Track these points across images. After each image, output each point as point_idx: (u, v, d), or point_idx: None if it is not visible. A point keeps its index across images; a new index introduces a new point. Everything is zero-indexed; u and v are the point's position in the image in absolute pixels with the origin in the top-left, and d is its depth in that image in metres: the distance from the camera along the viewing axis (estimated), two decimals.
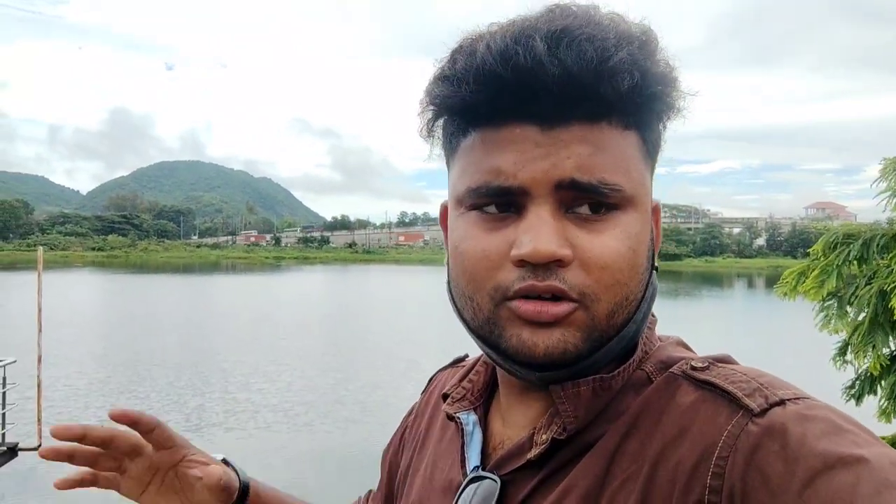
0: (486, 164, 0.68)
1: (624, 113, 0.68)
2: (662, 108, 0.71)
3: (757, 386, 0.65)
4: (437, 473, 0.85)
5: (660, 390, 0.70)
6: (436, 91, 0.70)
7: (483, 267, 0.69)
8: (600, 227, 0.67)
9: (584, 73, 0.64)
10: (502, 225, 0.68)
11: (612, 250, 0.67)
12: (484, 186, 0.68)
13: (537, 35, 0.64)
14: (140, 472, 0.90)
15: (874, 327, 5.60)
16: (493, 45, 0.65)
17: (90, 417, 14.75)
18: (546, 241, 0.65)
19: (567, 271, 0.66)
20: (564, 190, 0.66)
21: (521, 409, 0.78)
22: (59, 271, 74.84)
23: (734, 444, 0.61)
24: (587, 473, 0.68)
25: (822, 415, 0.61)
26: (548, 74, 0.64)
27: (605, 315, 0.68)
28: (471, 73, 0.66)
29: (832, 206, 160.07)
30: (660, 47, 0.69)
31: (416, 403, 1.03)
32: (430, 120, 0.74)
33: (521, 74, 0.64)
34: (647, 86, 0.67)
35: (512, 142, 0.67)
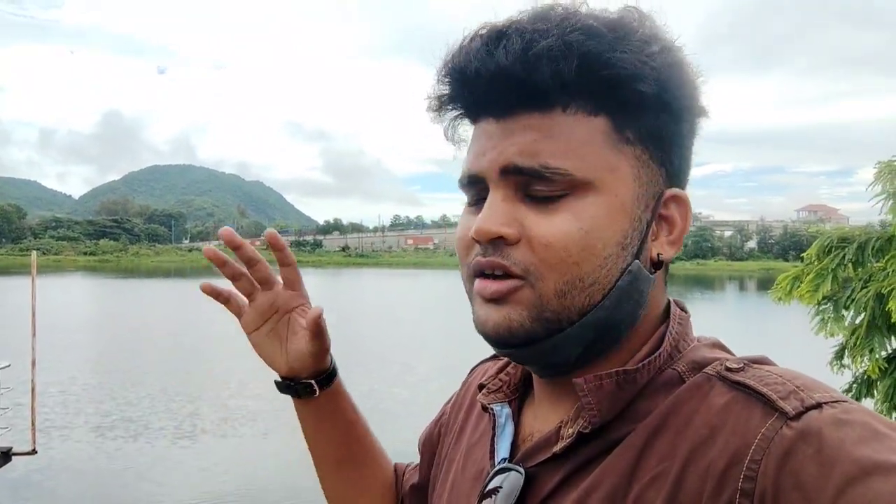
0: (467, 158, 0.76)
1: (587, 98, 0.70)
2: (638, 93, 0.70)
3: (793, 388, 0.64)
4: (470, 463, 0.88)
5: (692, 390, 0.70)
6: (435, 91, 0.78)
7: (461, 248, 0.77)
8: (551, 210, 0.70)
9: (512, 64, 0.68)
10: (476, 211, 0.74)
11: (557, 230, 0.69)
12: (463, 178, 0.76)
13: (483, 38, 0.71)
14: (263, 306, 0.98)
15: (872, 330, 5.61)
16: (463, 47, 0.73)
17: (84, 422, 14.69)
18: (489, 220, 0.70)
19: (513, 249, 0.70)
20: (510, 175, 0.71)
21: (551, 403, 0.79)
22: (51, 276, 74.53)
23: (767, 448, 0.60)
24: (614, 470, 0.69)
25: (859, 419, 0.59)
26: (485, 69, 0.69)
27: (552, 294, 0.70)
28: (446, 72, 0.74)
29: (824, 209, 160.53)
30: (635, 35, 0.70)
31: (455, 392, 1.06)
32: (441, 116, 0.80)
33: (465, 73, 0.71)
34: (596, 69, 0.68)
35: (478, 136, 0.75)
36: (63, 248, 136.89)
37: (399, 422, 14.52)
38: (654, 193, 0.74)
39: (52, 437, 13.48)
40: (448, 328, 5.36)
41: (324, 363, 1.00)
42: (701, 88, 0.75)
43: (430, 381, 17.83)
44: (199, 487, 11.36)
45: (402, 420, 14.53)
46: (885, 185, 5.72)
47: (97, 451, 13.12)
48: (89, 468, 12.39)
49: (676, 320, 0.77)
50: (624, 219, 0.72)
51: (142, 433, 14.13)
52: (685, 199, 0.77)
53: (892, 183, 5.65)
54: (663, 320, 0.78)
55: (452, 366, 13.18)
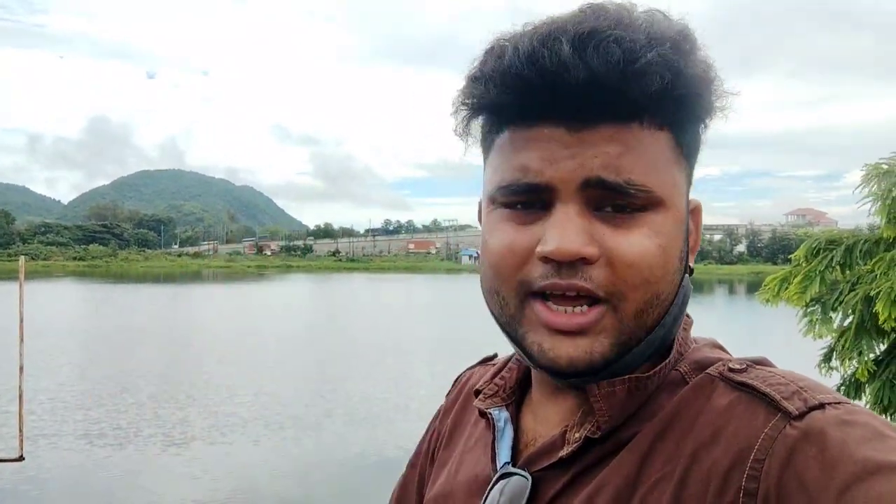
0: (516, 162, 0.69)
1: (656, 114, 0.68)
2: (698, 109, 0.71)
3: (796, 389, 0.64)
4: (464, 468, 0.85)
5: (696, 391, 0.69)
6: (467, 91, 0.71)
7: (508, 262, 0.70)
8: (628, 226, 0.67)
9: (610, 75, 0.64)
10: (530, 221, 0.69)
11: (640, 248, 0.67)
12: (514, 184, 0.69)
13: (564, 37, 0.64)
14: None
15: (860, 333, 5.63)
16: (521, 48, 0.66)
17: (71, 430, 14.58)
18: (571, 239, 0.65)
19: (593, 269, 0.67)
20: (591, 189, 0.67)
21: (554, 406, 0.78)
22: (39, 281, 74.07)
23: (771, 448, 0.60)
24: (619, 473, 0.68)
25: (862, 420, 0.59)
26: (573, 77, 0.64)
27: (633, 314, 0.68)
28: (498, 74, 0.67)
29: (812, 213, 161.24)
30: (697, 47, 0.69)
31: (441, 406, 1.03)
32: (465, 119, 0.75)
33: (546, 77, 0.65)
34: (679, 87, 0.66)
35: (540, 141, 0.68)
36: (52, 253, 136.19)
37: (393, 427, 14.50)
38: (691, 205, 0.76)
39: (39, 444, 13.36)
40: (441, 333, 5.32)
41: None
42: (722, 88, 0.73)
43: (423, 387, 17.76)
44: (190, 495, 11.27)
45: (397, 426, 14.51)
46: (873, 187, 5.75)
47: (86, 459, 13.02)
48: (77, 475, 12.29)
49: (681, 325, 0.77)
50: (682, 233, 0.72)
51: (131, 440, 14.02)
52: (700, 208, 0.78)
53: (879, 185, 5.68)
54: None
55: (445, 371, 13.12)
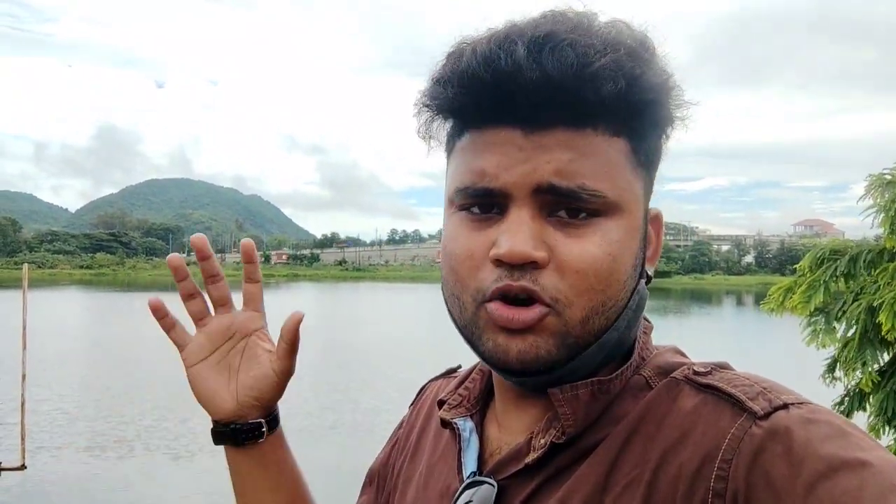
0: (473, 165, 0.70)
1: (611, 119, 0.68)
2: (656, 117, 0.71)
3: (760, 390, 0.65)
4: (433, 481, 0.84)
5: (661, 395, 0.70)
6: (428, 93, 0.72)
7: (467, 267, 0.71)
8: (580, 233, 0.68)
9: (564, 77, 0.64)
10: (486, 225, 0.70)
11: (589, 255, 0.67)
12: (470, 187, 0.70)
13: (520, 40, 0.65)
14: (217, 331, 0.90)
15: (864, 343, 5.60)
16: (478, 50, 0.67)
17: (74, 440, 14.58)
18: (521, 242, 0.66)
19: (541, 274, 0.67)
20: (543, 194, 0.67)
21: (518, 414, 0.78)
22: (46, 289, 74.34)
23: (738, 447, 0.61)
24: (587, 480, 0.68)
25: (825, 419, 0.61)
26: (527, 78, 0.64)
27: (578, 321, 0.68)
28: (456, 76, 0.68)
29: (820, 224, 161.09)
30: (657, 56, 0.70)
31: (405, 416, 1.02)
32: (426, 121, 0.75)
33: (501, 78, 0.66)
34: (634, 92, 0.67)
35: (496, 144, 0.68)
36: (58, 261, 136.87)
37: None
38: (646, 209, 0.75)
39: (42, 453, 13.37)
40: (448, 344, 5.35)
41: (276, 398, 0.91)
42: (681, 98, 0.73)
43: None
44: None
45: None
46: (876, 197, 5.73)
47: (88, 469, 13.01)
48: (80, 485, 12.28)
49: (642, 329, 0.78)
50: (636, 240, 0.72)
51: (135, 450, 14.02)
52: (661, 216, 0.79)
53: (882, 196, 5.65)
54: None
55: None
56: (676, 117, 0.73)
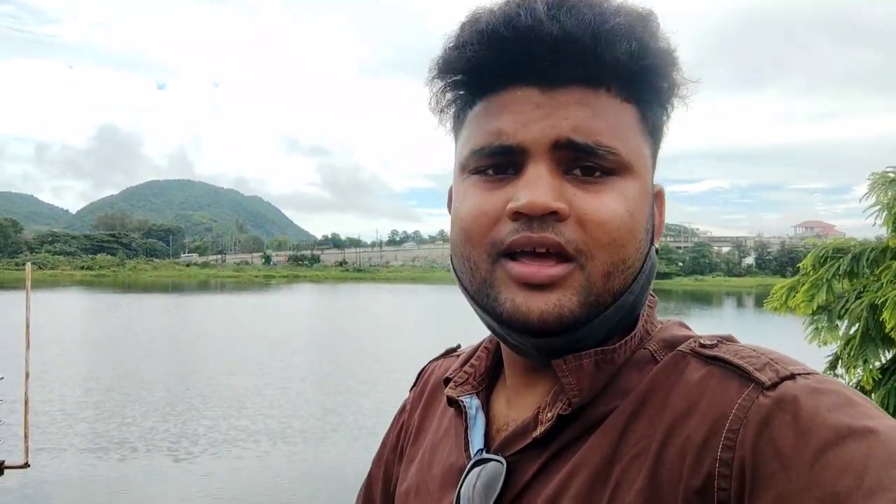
0: (489, 126, 0.71)
1: (623, 83, 0.70)
2: (662, 86, 0.73)
3: (767, 361, 0.65)
4: (437, 459, 0.84)
5: (668, 368, 0.70)
6: (444, 60, 0.73)
7: (480, 224, 0.71)
8: (597, 189, 0.69)
9: (582, 34, 0.66)
10: (501, 185, 0.70)
11: (609, 209, 0.68)
12: (486, 146, 0.70)
13: (539, 1, 0.68)
14: None
15: (866, 341, 5.61)
16: (497, 10, 0.69)
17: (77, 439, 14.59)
18: (542, 193, 0.67)
19: (563, 226, 0.68)
20: (561, 150, 0.68)
21: (527, 390, 0.78)
22: (47, 290, 74.28)
23: (745, 417, 0.61)
24: (595, 452, 0.68)
25: (833, 388, 0.61)
26: (547, 34, 0.66)
27: (600, 275, 0.69)
28: (475, 35, 0.69)
29: (821, 225, 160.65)
30: (660, 28, 0.72)
31: (406, 400, 1.02)
32: (441, 90, 0.76)
33: (521, 34, 0.67)
34: (644, 56, 0.69)
35: (514, 103, 0.70)
36: (59, 262, 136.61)
37: None
38: (655, 187, 0.77)
39: (45, 452, 13.38)
40: (449, 344, 5.31)
41: None
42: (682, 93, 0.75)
43: None
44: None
45: None
46: (879, 196, 5.74)
47: (91, 467, 13.02)
48: (83, 483, 12.29)
49: (647, 302, 0.78)
50: (648, 204, 0.74)
51: (137, 449, 14.03)
52: (663, 193, 0.80)
53: (885, 194, 5.67)
54: None
55: None
56: (678, 93, 0.74)
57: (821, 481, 0.55)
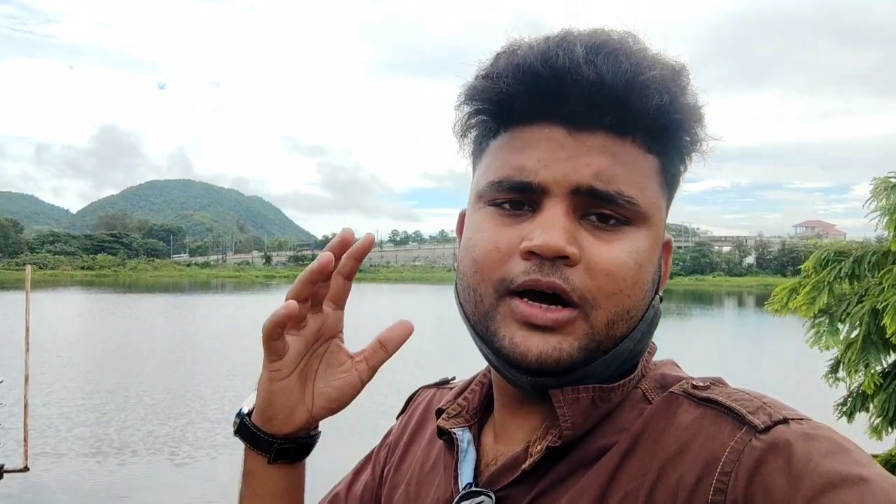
0: (512, 161, 0.70)
1: (647, 135, 0.70)
2: (685, 141, 0.73)
3: (760, 404, 0.65)
4: (424, 491, 0.84)
5: (660, 409, 0.70)
6: (475, 87, 0.73)
7: (492, 258, 0.70)
8: (610, 238, 0.69)
9: (616, 82, 0.66)
10: (517, 221, 0.70)
11: (619, 260, 0.68)
12: (506, 180, 0.70)
13: (578, 42, 0.68)
14: (310, 336, 0.78)
15: (867, 345, 5.59)
16: (535, 46, 0.69)
17: (77, 442, 14.56)
18: (557, 236, 0.67)
19: (572, 272, 0.68)
20: (581, 196, 0.68)
21: (517, 423, 0.78)
22: (47, 290, 74.30)
23: (738, 460, 0.61)
24: (586, 491, 0.68)
25: (826, 434, 0.61)
26: (583, 77, 0.66)
27: (604, 323, 0.69)
28: (511, 68, 0.69)
29: (821, 225, 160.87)
30: (691, 83, 0.72)
31: (392, 427, 1.02)
32: (467, 116, 0.76)
33: (557, 73, 0.67)
34: (673, 111, 0.69)
35: (539, 140, 0.69)
36: (60, 262, 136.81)
37: None
38: (665, 238, 0.77)
39: (45, 455, 13.36)
40: (451, 347, 5.17)
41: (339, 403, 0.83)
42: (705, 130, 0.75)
43: None
44: None
45: None
46: (882, 200, 5.72)
47: (91, 472, 12.99)
48: (82, 487, 12.27)
49: (648, 346, 0.78)
50: (657, 256, 0.74)
51: (137, 453, 14.00)
52: (671, 245, 0.80)
53: (888, 199, 5.65)
54: None
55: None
56: (699, 148, 0.75)
57: None
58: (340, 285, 0.79)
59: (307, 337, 0.78)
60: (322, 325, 0.79)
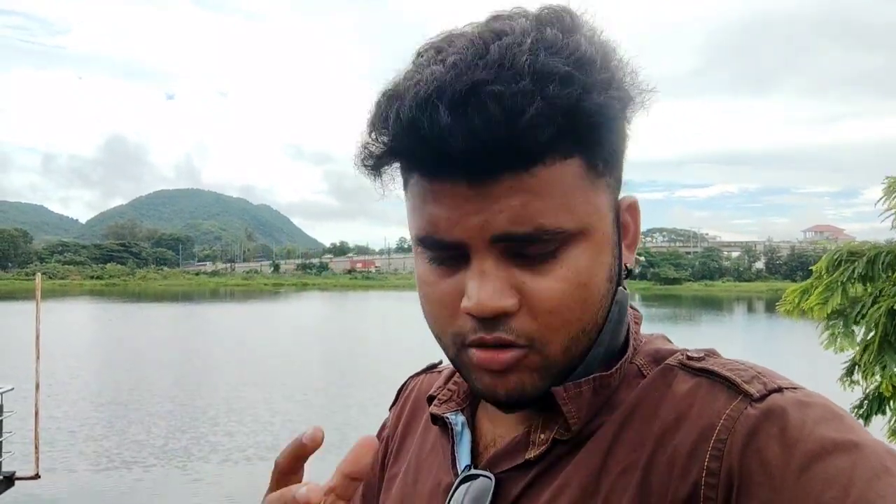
0: (427, 214, 0.67)
1: (558, 149, 0.64)
2: (607, 127, 0.66)
3: (755, 374, 0.66)
4: (423, 477, 0.84)
5: (656, 381, 0.71)
6: (373, 135, 0.68)
7: (442, 315, 0.71)
8: (546, 269, 0.67)
9: (495, 134, 0.60)
10: (454, 271, 0.69)
11: (559, 292, 0.66)
12: (427, 238, 0.68)
13: (442, 100, 0.61)
14: None
15: (883, 347, 5.55)
16: (403, 114, 0.62)
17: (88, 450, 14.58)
18: (488, 295, 0.65)
19: (514, 320, 0.67)
20: (502, 242, 0.65)
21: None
22: (57, 300, 74.64)
23: (733, 427, 0.62)
24: (583, 467, 0.69)
25: (820, 402, 0.62)
26: (455, 144, 0.61)
27: (559, 353, 0.69)
28: (387, 132, 0.65)
29: (830, 229, 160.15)
30: (596, 64, 0.64)
31: (386, 419, 1.02)
32: (370, 164, 0.70)
33: (429, 145, 0.62)
34: (579, 121, 0.63)
35: (444, 196, 0.65)
36: (69, 272, 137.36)
37: None
38: (615, 209, 0.72)
39: (55, 463, 13.38)
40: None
41: None
42: (636, 83, 0.68)
43: None
44: None
45: None
46: (894, 200, 5.68)
47: (102, 479, 13.01)
48: (93, 495, 12.29)
49: (633, 320, 0.78)
50: (608, 253, 0.71)
51: (146, 461, 14.01)
52: (635, 203, 0.76)
53: None
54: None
55: None
56: (633, 113, 0.69)
57: (806, 493, 0.56)
58: (350, 486, 0.59)
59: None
60: None
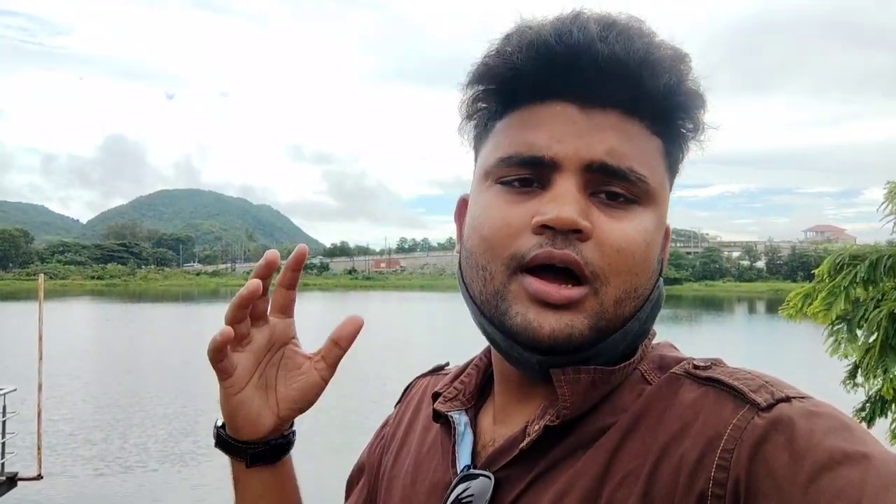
0: (522, 137, 0.71)
1: (655, 115, 0.71)
2: (687, 125, 0.74)
3: (762, 383, 0.65)
4: (422, 475, 0.84)
5: (662, 389, 0.71)
6: (486, 64, 0.73)
7: (503, 235, 0.70)
8: (620, 215, 0.70)
9: (629, 59, 0.68)
10: (526, 198, 0.70)
11: (629, 237, 0.69)
12: (516, 156, 0.71)
13: (592, 20, 0.69)
14: (261, 348, 0.83)
15: (885, 350, 5.55)
16: (548, 24, 0.69)
17: (90, 449, 14.59)
18: (570, 209, 0.67)
19: (584, 246, 0.68)
20: (593, 172, 0.69)
21: (516, 407, 0.78)
22: (58, 300, 74.56)
23: (740, 437, 0.61)
24: (586, 471, 0.68)
25: (828, 412, 0.61)
26: (597, 53, 0.68)
27: (613, 301, 0.69)
28: (523, 45, 0.70)
29: (831, 230, 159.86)
30: (693, 70, 0.73)
31: (389, 416, 1.03)
32: (475, 95, 0.76)
33: (571, 50, 0.68)
34: (679, 92, 0.71)
35: (551, 118, 0.70)
36: (70, 272, 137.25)
37: None
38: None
39: (57, 463, 13.39)
40: (462, 354, 5.16)
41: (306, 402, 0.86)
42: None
43: None
44: None
45: None
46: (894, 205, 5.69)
47: (104, 479, 13.02)
48: (95, 495, 12.29)
49: (649, 327, 0.78)
50: (661, 236, 0.75)
51: (149, 460, 14.02)
52: (669, 231, 0.80)
53: None
54: None
55: None
56: (699, 136, 0.76)
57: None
58: (283, 296, 0.84)
59: (256, 350, 0.82)
60: (271, 336, 0.83)
